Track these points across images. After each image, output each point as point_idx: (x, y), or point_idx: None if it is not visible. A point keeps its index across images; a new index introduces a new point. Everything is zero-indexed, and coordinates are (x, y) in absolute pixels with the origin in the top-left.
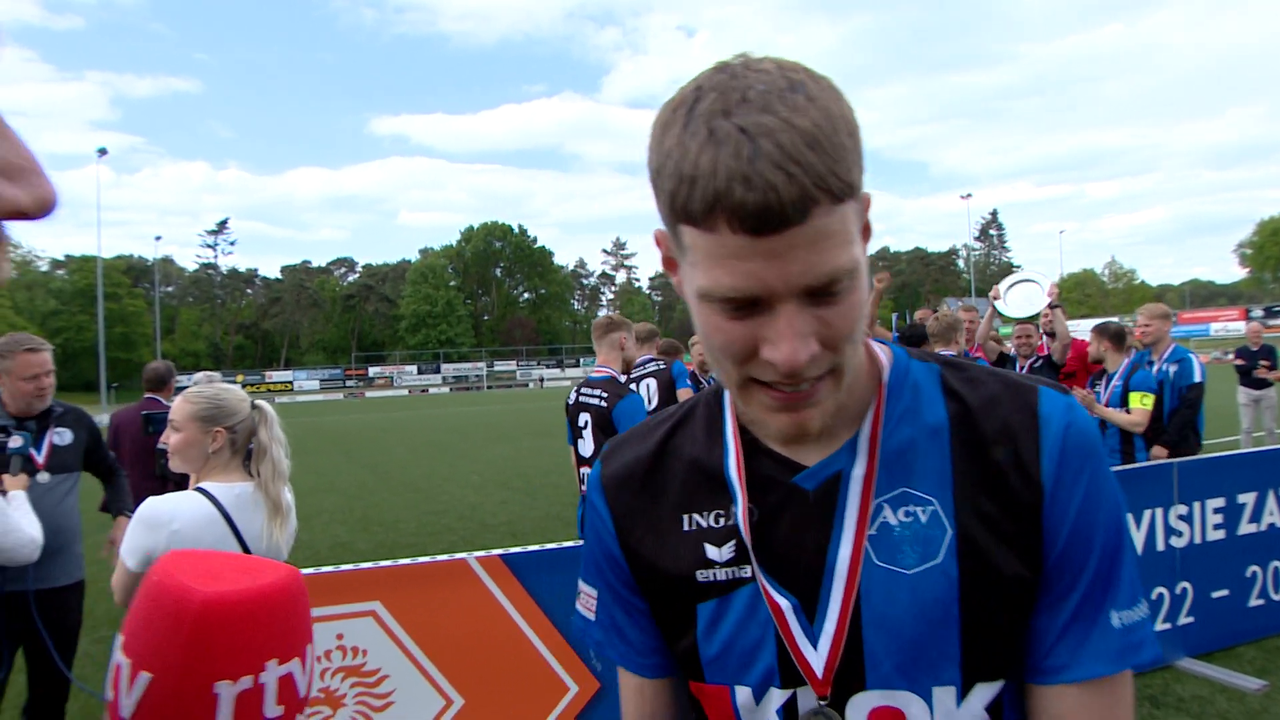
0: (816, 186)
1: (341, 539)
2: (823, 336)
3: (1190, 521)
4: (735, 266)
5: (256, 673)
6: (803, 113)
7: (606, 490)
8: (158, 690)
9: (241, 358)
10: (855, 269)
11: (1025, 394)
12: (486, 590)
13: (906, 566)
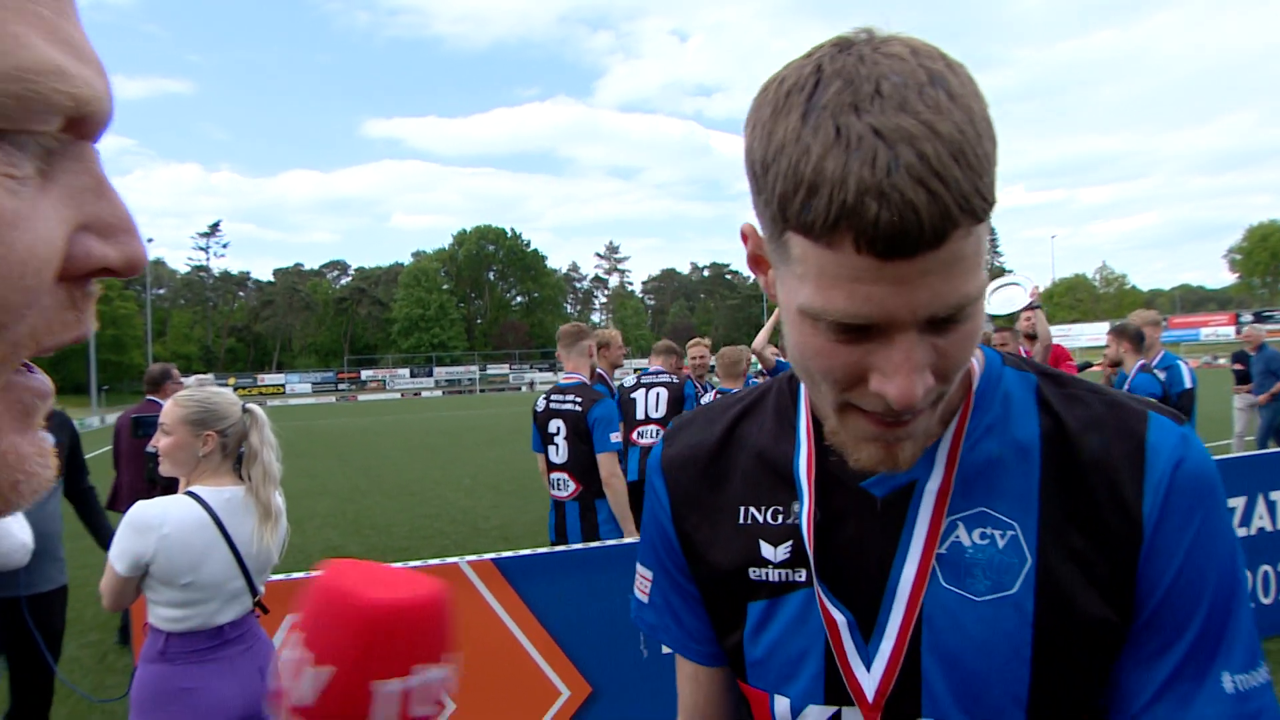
0: (959, 207)
1: (333, 542)
2: (938, 368)
3: None
4: (855, 290)
5: (409, 674)
6: (946, 115)
7: (667, 472)
8: (339, 683)
9: (233, 360)
10: (981, 296)
11: (1133, 419)
12: (478, 594)
13: (976, 593)
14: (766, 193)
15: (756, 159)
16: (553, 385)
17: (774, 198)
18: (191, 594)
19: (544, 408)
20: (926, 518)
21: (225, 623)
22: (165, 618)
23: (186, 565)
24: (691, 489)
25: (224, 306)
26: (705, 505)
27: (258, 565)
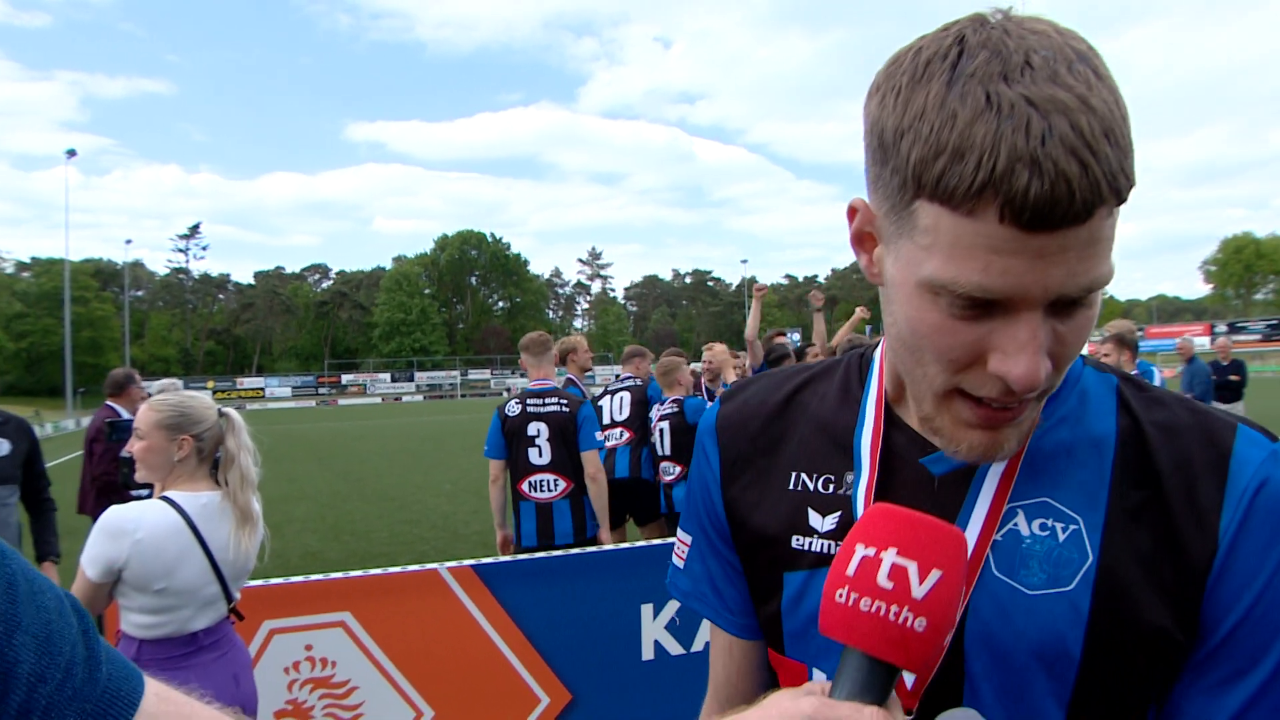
0: (1108, 183)
1: (312, 548)
2: (1056, 354)
3: None
4: (991, 261)
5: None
6: (1096, 91)
7: (721, 431)
8: (947, 582)
9: (212, 364)
10: (1109, 282)
11: (1219, 430)
12: (458, 601)
13: (1030, 585)
14: (897, 160)
15: (888, 126)
16: (521, 391)
17: (907, 164)
18: (165, 600)
19: (519, 412)
20: (987, 501)
21: (199, 629)
22: (138, 624)
23: (160, 571)
24: (745, 448)
25: (203, 309)
26: (756, 466)
27: (233, 571)
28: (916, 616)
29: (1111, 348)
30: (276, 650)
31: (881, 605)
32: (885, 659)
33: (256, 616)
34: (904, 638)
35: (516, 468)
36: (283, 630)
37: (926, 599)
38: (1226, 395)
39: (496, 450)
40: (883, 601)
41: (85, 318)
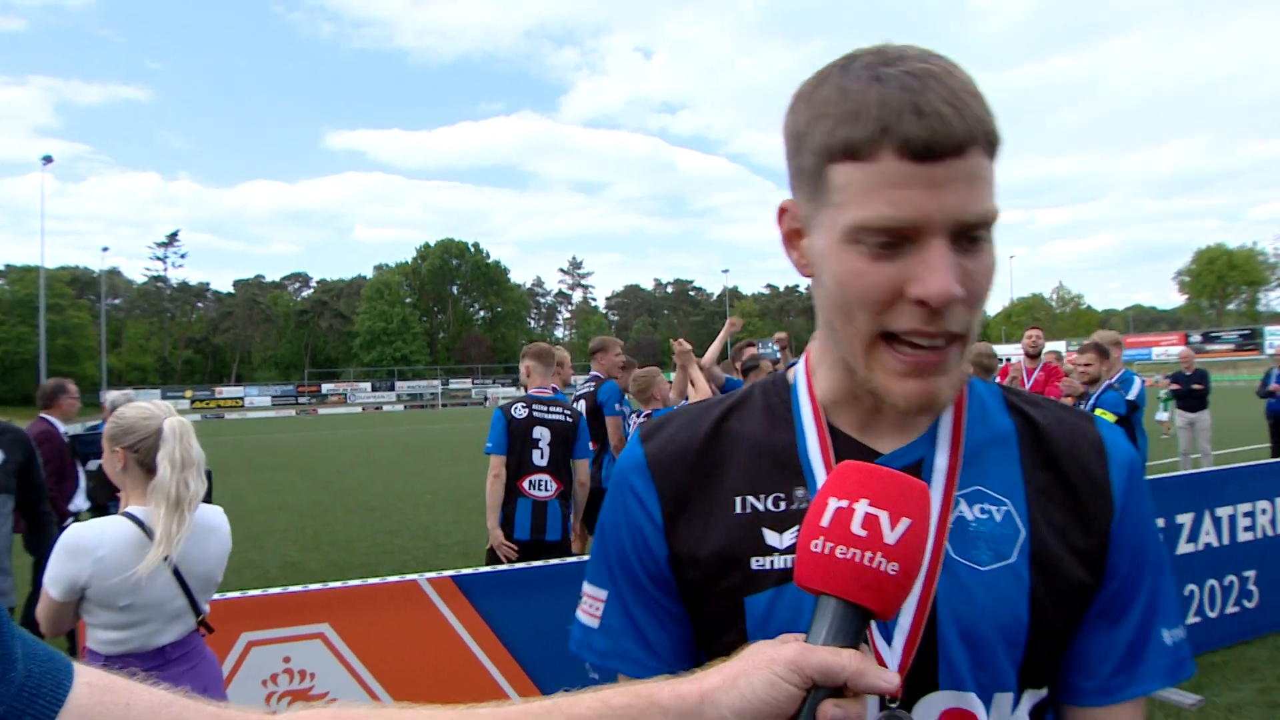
0: (977, 126)
1: (292, 558)
2: (966, 287)
3: None
4: (895, 195)
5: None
6: (959, 74)
7: (654, 468)
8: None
9: (191, 372)
10: (995, 222)
11: (1086, 419)
12: (437, 612)
13: (981, 563)
14: (809, 143)
15: (800, 123)
16: (525, 397)
17: (818, 144)
18: (131, 616)
19: (526, 415)
20: (939, 491)
21: (167, 643)
22: (104, 640)
23: (124, 587)
24: (685, 482)
25: (182, 318)
26: (697, 499)
27: (200, 584)
28: (890, 561)
29: (1092, 357)
30: (254, 662)
31: (857, 552)
32: (860, 603)
33: (234, 628)
34: (879, 581)
35: (518, 466)
36: (261, 642)
37: (898, 544)
38: (1191, 404)
39: (500, 447)
40: (857, 549)
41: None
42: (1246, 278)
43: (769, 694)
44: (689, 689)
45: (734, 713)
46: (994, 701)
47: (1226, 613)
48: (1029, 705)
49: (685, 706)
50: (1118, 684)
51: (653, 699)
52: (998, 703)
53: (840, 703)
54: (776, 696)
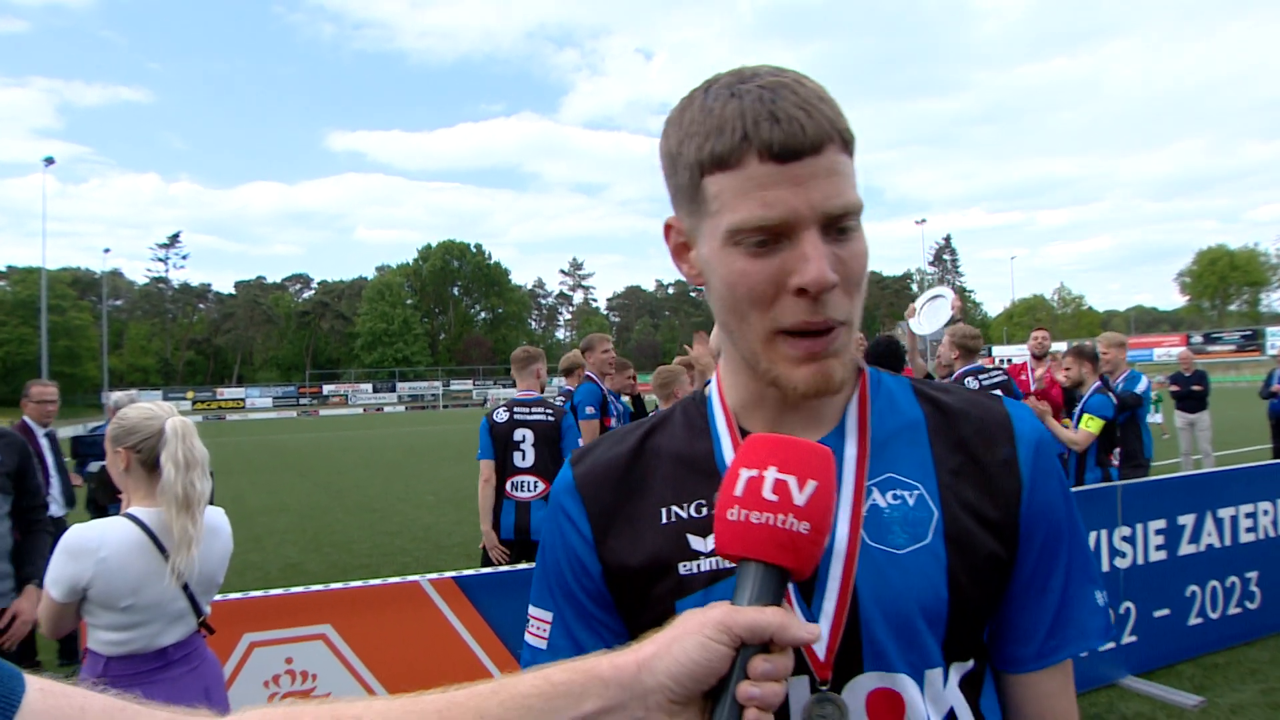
0: (830, 126)
1: (293, 560)
2: (840, 274)
3: (1133, 543)
4: (764, 195)
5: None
6: (809, 84)
7: (582, 489)
8: (822, 491)
9: (192, 374)
10: (861, 212)
11: (994, 403)
12: (439, 613)
13: (897, 547)
14: (683, 160)
15: (672, 144)
16: (508, 400)
17: (690, 160)
18: (132, 616)
19: (506, 419)
20: (850, 483)
21: (168, 644)
22: (105, 641)
23: (126, 588)
24: (611, 500)
25: (183, 319)
26: (624, 514)
27: (201, 586)
28: (801, 521)
29: (1072, 360)
30: (256, 663)
31: (770, 516)
32: (778, 563)
33: (236, 629)
34: (793, 541)
35: (503, 469)
36: (263, 643)
37: (808, 505)
38: (1191, 405)
39: (487, 452)
40: (770, 513)
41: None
42: (1248, 278)
43: (702, 655)
44: (626, 659)
45: (670, 677)
46: (926, 679)
47: (1229, 614)
48: (957, 678)
49: (624, 676)
50: (1052, 646)
51: (592, 672)
52: (930, 680)
53: (768, 657)
54: (709, 657)
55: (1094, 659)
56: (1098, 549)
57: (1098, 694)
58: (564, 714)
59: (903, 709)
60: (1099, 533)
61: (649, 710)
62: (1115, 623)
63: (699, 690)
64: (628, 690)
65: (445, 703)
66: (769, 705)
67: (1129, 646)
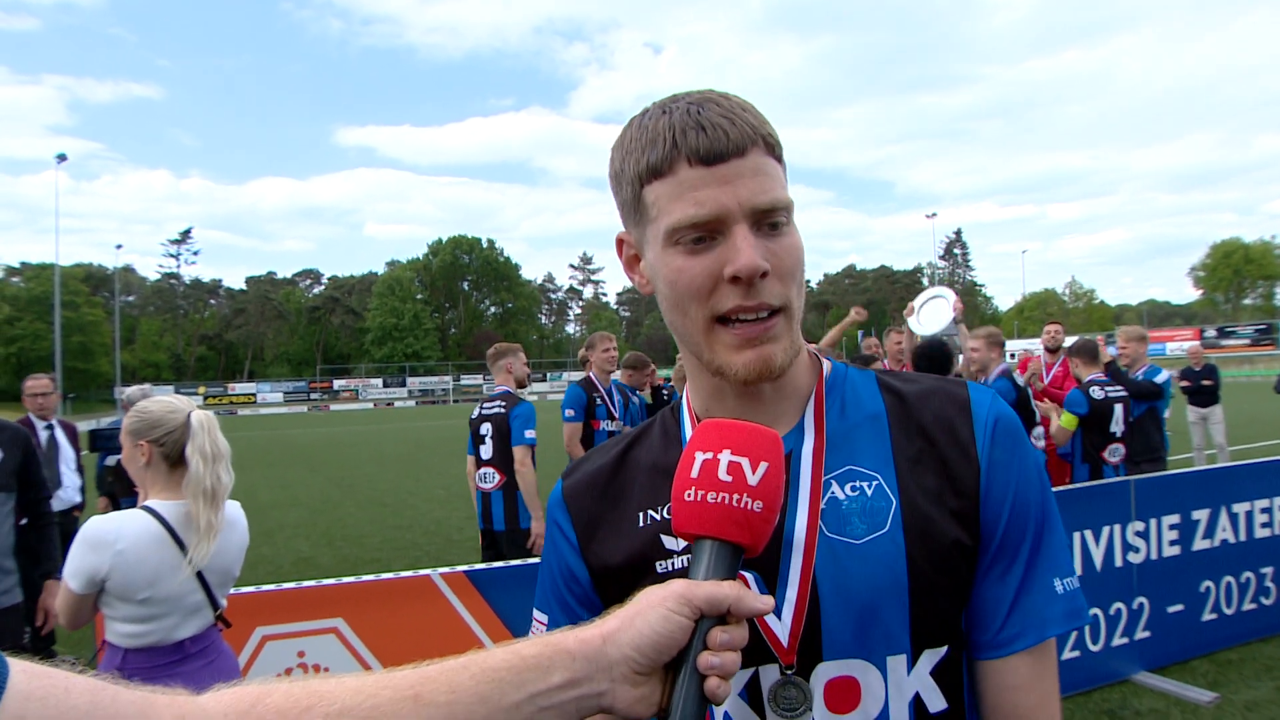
0: (754, 132)
1: (304, 554)
2: (774, 266)
3: (1147, 538)
4: (696, 195)
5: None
6: (733, 99)
7: (568, 500)
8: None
9: (204, 369)
10: (791, 209)
11: (956, 387)
12: (450, 607)
13: (856, 537)
14: (626, 176)
15: (617, 163)
16: (485, 396)
17: (631, 174)
18: (150, 609)
19: (477, 415)
20: (807, 478)
21: (185, 638)
22: (123, 634)
23: (143, 581)
24: (594, 508)
25: (195, 314)
26: (609, 520)
27: (218, 579)
28: (754, 500)
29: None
30: (269, 657)
31: (725, 495)
32: (732, 540)
33: (249, 623)
34: (747, 519)
35: (474, 462)
36: (275, 637)
37: (760, 485)
38: (1202, 399)
39: (470, 447)
40: (725, 492)
41: (75, 323)
42: (1263, 271)
43: (663, 627)
44: (591, 634)
45: (634, 648)
46: (888, 665)
47: (1244, 609)
48: (929, 665)
49: (589, 650)
50: (1009, 635)
51: (559, 646)
52: (892, 666)
53: (726, 628)
54: (670, 629)
55: (1106, 654)
56: (1111, 544)
57: (1110, 690)
58: (532, 686)
59: (859, 695)
60: (1112, 527)
61: (614, 681)
62: (1128, 618)
63: (661, 661)
64: (593, 663)
65: (418, 677)
66: (728, 673)
67: (1142, 642)
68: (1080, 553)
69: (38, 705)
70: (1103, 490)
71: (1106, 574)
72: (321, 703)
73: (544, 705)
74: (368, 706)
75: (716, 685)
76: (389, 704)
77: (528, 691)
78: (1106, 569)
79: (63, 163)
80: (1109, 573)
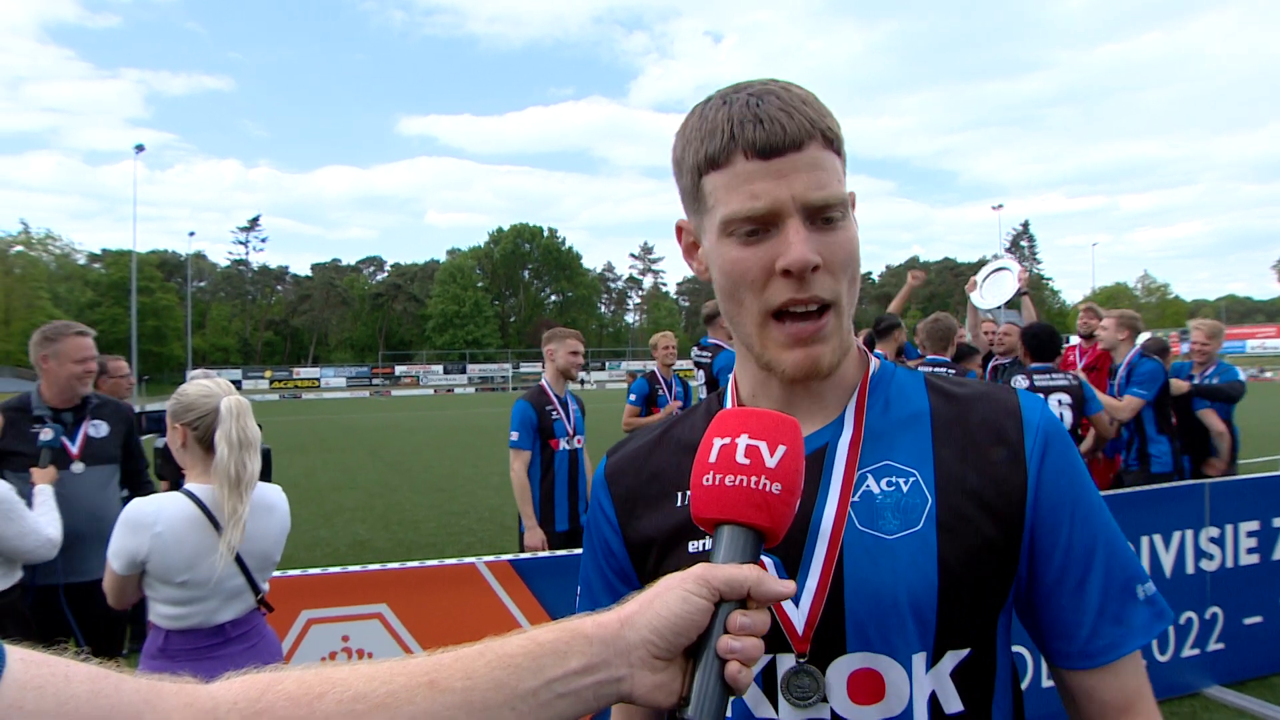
0: (811, 126)
1: (361, 537)
2: (825, 259)
3: (1222, 544)
4: (751, 188)
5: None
6: (796, 89)
7: (610, 478)
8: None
9: (270, 354)
10: (847, 203)
11: (1006, 393)
12: (494, 595)
13: (888, 532)
14: (686, 165)
15: (677, 151)
16: None
17: (690, 164)
18: (189, 592)
19: None
20: (840, 470)
21: (226, 621)
22: (165, 615)
23: (181, 563)
24: (633, 485)
25: (262, 300)
26: (646, 498)
27: (257, 563)
28: (773, 482)
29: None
30: (314, 640)
31: (744, 479)
32: (752, 523)
33: (294, 606)
34: (766, 501)
35: None
36: (320, 620)
37: (779, 467)
38: None
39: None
40: (744, 475)
41: (150, 307)
42: None
43: (682, 608)
44: (609, 618)
45: (652, 630)
46: (912, 662)
47: None
48: (951, 665)
49: (607, 633)
50: (1099, 647)
51: (577, 631)
52: (916, 664)
53: (746, 612)
54: (689, 610)
55: (1177, 665)
56: (1182, 550)
57: (1180, 702)
58: (550, 671)
59: (883, 689)
60: (1184, 533)
61: (632, 666)
62: (1200, 629)
63: (681, 644)
64: (610, 647)
65: (432, 664)
66: (749, 659)
67: (1215, 654)
68: (1148, 558)
69: (35, 694)
70: (1174, 493)
71: (1177, 581)
72: (335, 689)
73: (561, 691)
74: (383, 693)
75: (737, 670)
76: (404, 690)
77: (545, 678)
78: (1177, 576)
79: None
80: (1179, 580)
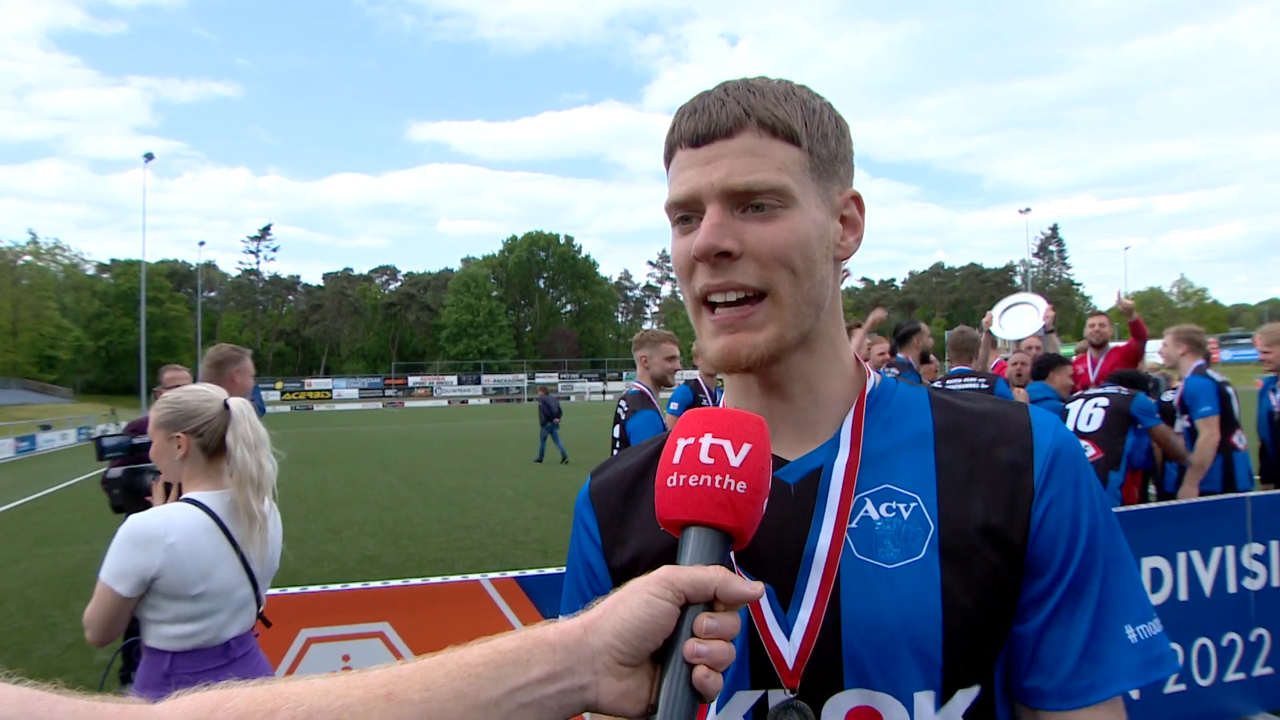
0: (745, 113)
1: (370, 552)
2: (749, 246)
3: (1267, 562)
4: (682, 177)
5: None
6: (774, 84)
7: (594, 498)
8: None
9: (282, 364)
10: (783, 191)
11: (1017, 410)
12: (499, 612)
13: (888, 561)
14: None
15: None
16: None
17: (664, 156)
18: (202, 605)
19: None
20: (836, 495)
21: (232, 637)
22: (172, 636)
23: (198, 574)
24: (618, 507)
25: (273, 310)
26: (631, 518)
27: (263, 570)
28: (738, 481)
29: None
30: (313, 660)
31: (707, 478)
32: (717, 523)
33: (293, 625)
34: (730, 500)
35: None
36: (320, 639)
37: (743, 466)
38: None
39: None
40: (708, 475)
41: (159, 318)
42: None
43: (646, 612)
44: (572, 624)
45: (616, 636)
46: (915, 703)
47: None
48: (963, 706)
49: (570, 640)
50: (1078, 687)
51: (540, 638)
52: (919, 704)
53: (713, 615)
54: (653, 613)
55: (1220, 690)
56: (1223, 567)
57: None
58: (511, 680)
59: None
60: (1224, 549)
61: (597, 673)
62: (1245, 652)
63: (646, 649)
64: (574, 654)
65: (391, 676)
66: (717, 663)
67: (1263, 679)
68: (1186, 575)
69: None
70: (1212, 508)
71: (1217, 600)
72: (287, 705)
73: (524, 701)
74: (337, 707)
75: (705, 675)
76: (360, 704)
77: (506, 687)
78: (1218, 595)
79: (149, 162)
80: (1221, 599)
